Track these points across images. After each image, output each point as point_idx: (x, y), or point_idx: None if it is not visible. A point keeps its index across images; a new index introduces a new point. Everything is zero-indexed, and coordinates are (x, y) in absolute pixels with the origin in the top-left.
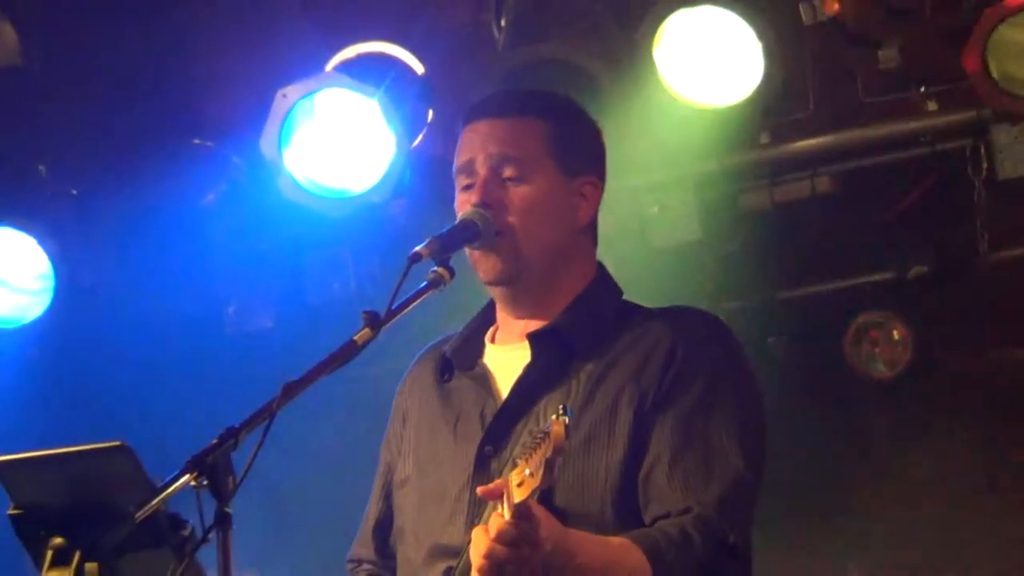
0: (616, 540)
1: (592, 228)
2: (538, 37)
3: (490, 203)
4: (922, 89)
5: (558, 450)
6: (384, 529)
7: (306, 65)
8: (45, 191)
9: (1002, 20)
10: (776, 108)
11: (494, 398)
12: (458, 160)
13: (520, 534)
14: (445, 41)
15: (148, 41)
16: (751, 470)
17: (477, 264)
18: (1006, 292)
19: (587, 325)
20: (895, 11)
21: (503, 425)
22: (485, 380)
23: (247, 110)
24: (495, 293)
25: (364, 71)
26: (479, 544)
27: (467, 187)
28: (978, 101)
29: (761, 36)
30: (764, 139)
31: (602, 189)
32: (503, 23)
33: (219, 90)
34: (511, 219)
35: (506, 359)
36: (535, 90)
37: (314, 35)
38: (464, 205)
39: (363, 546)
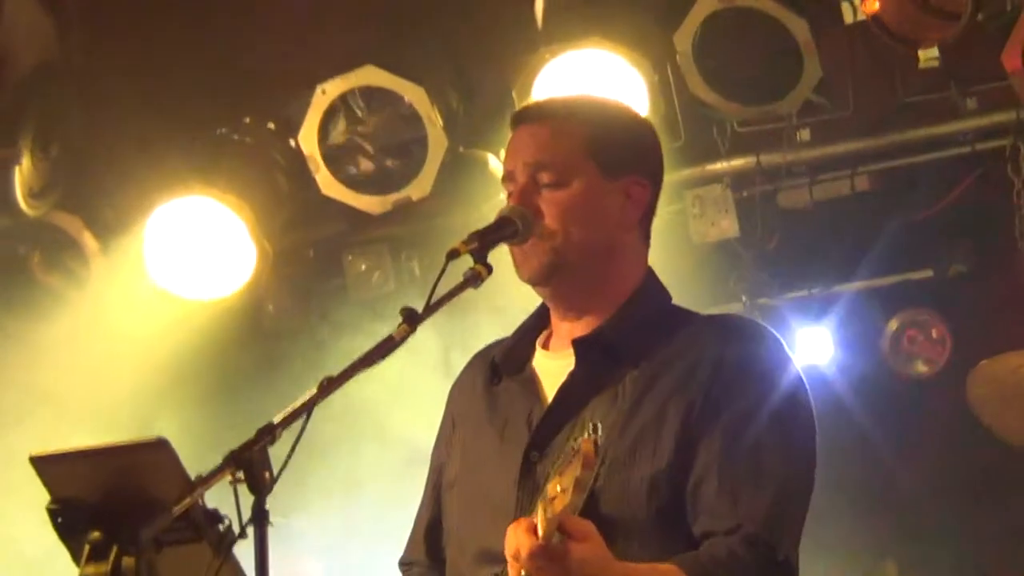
0: (663, 567)
1: (641, 228)
2: (579, 33)
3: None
4: (962, 88)
5: (587, 467)
6: (435, 531)
7: (346, 59)
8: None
9: None
10: (816, 107)
11: (540, 403)
12: (503, 169)
13: (547, 552)
14: (488, 35)
15: (188, 37)
16: (800, 481)
17: (518, 265)
18: None
19: (633, 330)
20: (935, 10)
21: (548, 431)
22: (532, 384)
23: (286, 105)
24: (539, 293)
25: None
26: (511, 544)
27: (511, 195)
28: (1018, 101)
29: (800, 35)
30: (804, 137)
31: (651, 188)
32: (545, 18)
33: (259, 85)
34: (547, 222)
35: (554, 365)
36: (578, 94)
37: (354, 29)
38: None
39: (415, 548)
